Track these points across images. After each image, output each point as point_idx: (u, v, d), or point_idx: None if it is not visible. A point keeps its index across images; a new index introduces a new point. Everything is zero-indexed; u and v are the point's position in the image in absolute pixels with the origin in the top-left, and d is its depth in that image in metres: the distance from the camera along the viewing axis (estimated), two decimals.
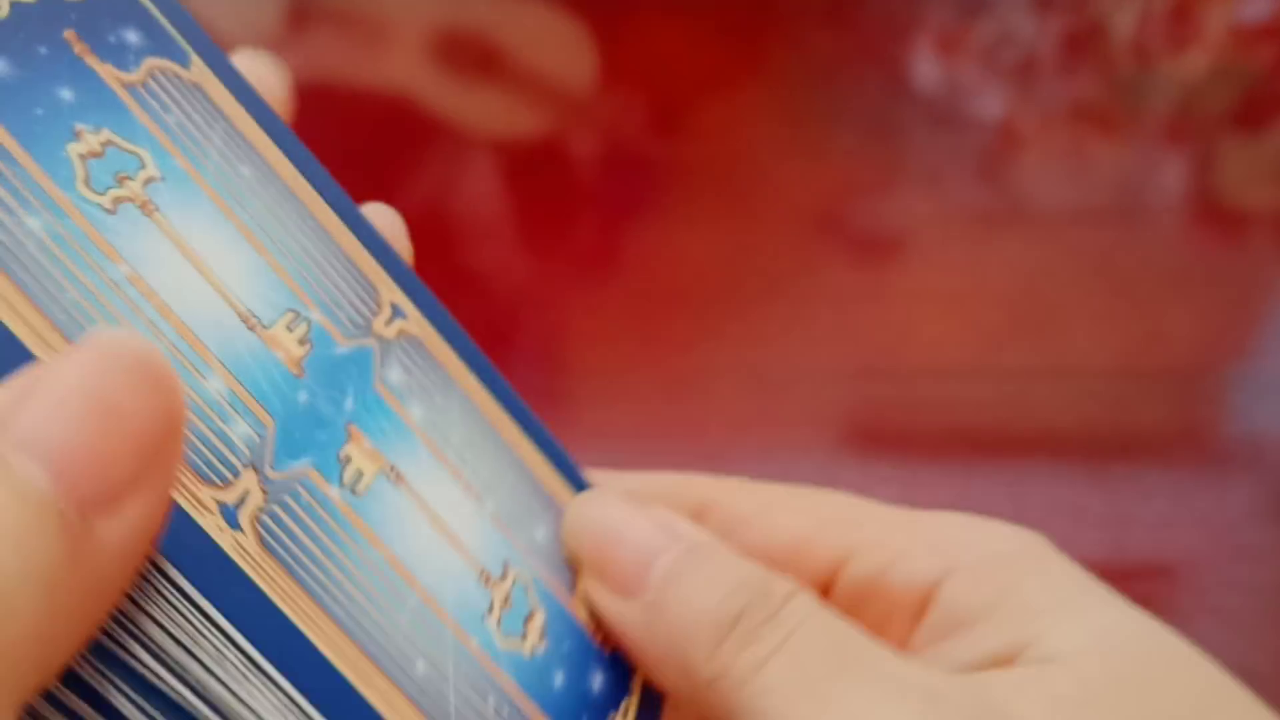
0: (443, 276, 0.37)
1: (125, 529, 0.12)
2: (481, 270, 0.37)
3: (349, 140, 0.42)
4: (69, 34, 0.15)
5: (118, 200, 0.14)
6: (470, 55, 0.46)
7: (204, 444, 0.14)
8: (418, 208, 0.39)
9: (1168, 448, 0.32)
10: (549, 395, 0.33)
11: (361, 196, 0.41)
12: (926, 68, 0.45)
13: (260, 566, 0.13)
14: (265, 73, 0.18)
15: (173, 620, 0.13)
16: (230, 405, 0.14)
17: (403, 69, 0.45)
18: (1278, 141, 0.42)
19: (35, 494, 0.11)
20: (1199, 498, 0.31)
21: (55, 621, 0.11)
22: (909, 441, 0.32)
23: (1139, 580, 0.29)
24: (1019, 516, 0.32)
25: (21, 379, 0.11)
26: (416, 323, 0.18)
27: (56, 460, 0.11)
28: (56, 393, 0.11)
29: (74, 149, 0.14)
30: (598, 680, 0.18)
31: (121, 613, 0.12)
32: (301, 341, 0.16)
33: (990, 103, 0.44)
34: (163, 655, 0.12)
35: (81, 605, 0.11)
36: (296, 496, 0.14)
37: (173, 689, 0.12)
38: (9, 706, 0.11)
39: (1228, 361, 0.34)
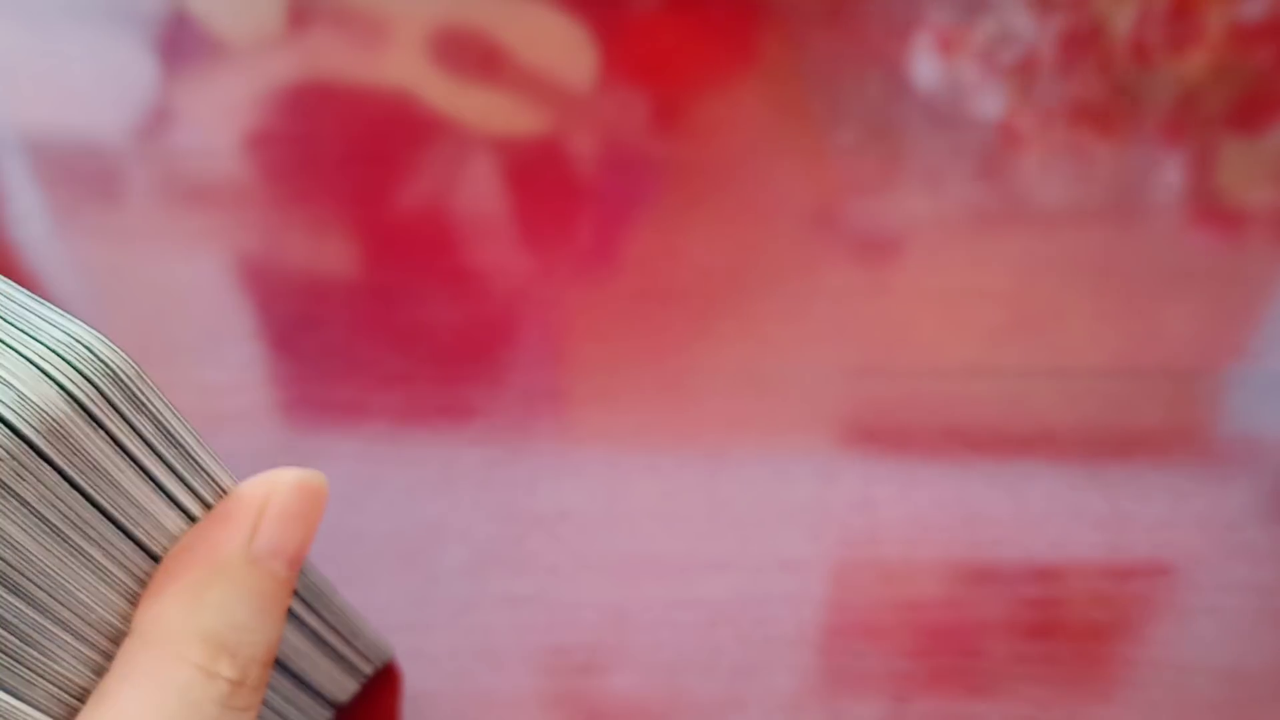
0: (443, 276, 0.37)
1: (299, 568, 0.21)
2: (481, 269, 0.37)
3: (349, 140, 0.42)
4: None
5: None
6: (470, 55, 0.46)
7: None
8: (418, 207, 0.39)
9: (1166, 447, 0.32)
10: (549, 394, 0.33)
11: (362, 196, 0.41)
12: (926, 68, 0.45)
13: None
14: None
15: None
16: None
17: (403, 69, 0.45)
18: (1278, 141, 0.42)
19: (281, 576, 0.20)
20: (1197, 498, 0.31)
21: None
22: (907, 440, 0.32)
23: (1137, 580, 0.29)
24: (1018, 516, 0.32)
25: (244, 502, 0.20)
26: None
27: (286, 555, 0.21)
28: (276, 513, 0.20)
29: None
30: None
31: None
32: None
33: (990, 103, 0.44)
34: None
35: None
36: None
37: None
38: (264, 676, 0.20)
39: (1227, 361, 0.34)
